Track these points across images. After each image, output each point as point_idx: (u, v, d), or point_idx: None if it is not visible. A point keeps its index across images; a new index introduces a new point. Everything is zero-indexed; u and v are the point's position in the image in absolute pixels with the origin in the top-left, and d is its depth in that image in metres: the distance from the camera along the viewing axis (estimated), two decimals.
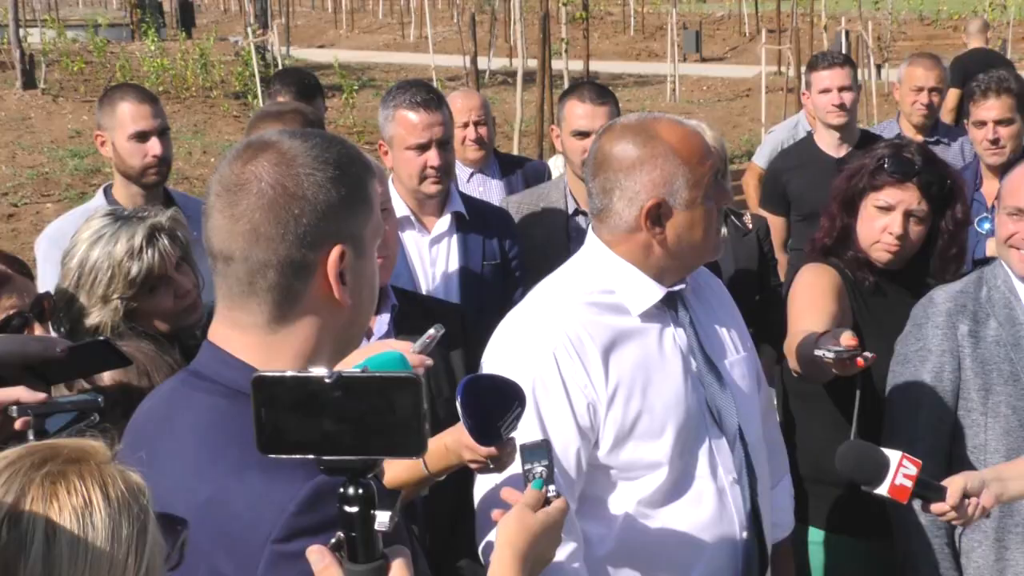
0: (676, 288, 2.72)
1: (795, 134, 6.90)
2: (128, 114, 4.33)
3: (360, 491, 1.48)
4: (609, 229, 2.67)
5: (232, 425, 1.74)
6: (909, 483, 2.78)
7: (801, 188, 5.80)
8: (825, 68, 5.94)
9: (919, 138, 6.08)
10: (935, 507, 2.86)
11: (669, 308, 2.72)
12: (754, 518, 2.75)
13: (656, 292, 2.67)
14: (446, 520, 3.20)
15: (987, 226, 5.12)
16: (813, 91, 6.01)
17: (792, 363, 3.31)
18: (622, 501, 2.65)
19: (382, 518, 1.49)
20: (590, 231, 2.76)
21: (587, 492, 2.64)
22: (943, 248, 3.58)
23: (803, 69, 6.65)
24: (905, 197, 3.51)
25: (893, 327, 3.48)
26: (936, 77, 6.34)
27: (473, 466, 2.55)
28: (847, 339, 2.88)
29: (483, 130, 5.53)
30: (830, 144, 5.91)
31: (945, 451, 3.30)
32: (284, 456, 1.48)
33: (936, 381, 3.30)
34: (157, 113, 4.41)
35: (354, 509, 1.48)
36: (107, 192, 4.45)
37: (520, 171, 5.64)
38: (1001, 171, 5.11)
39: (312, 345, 1.82)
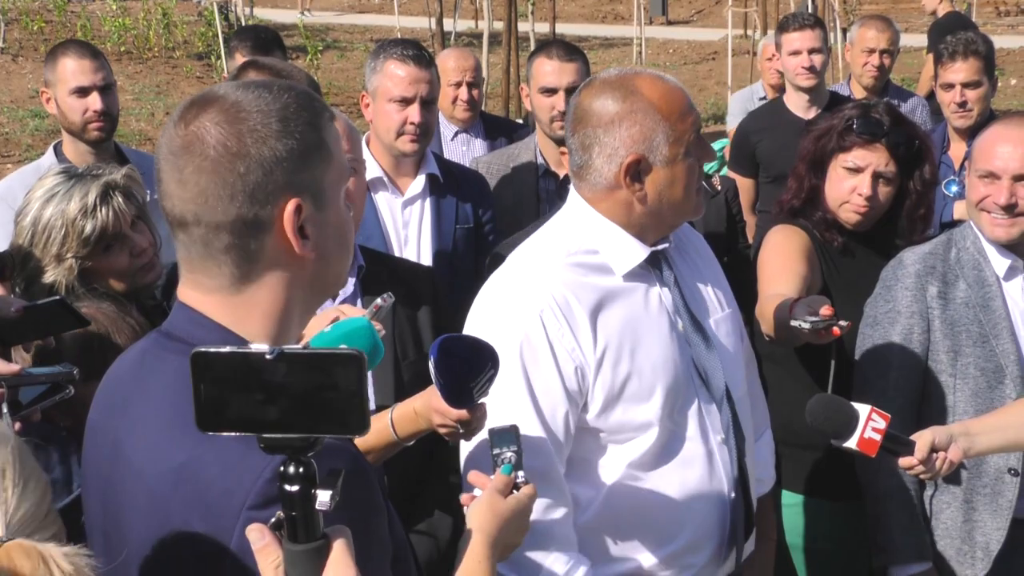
0: (660, 247, 2.69)
1: (750, 104, 6.93)
2: (69, 69, 4.30)
3: (301, 470, 1.45)
4: (589, 186, 2.63)
5: None
6: (878, 436, 2.80)
7: (770, 150, 5.81)
8: (795, 30, 5.94)
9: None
10: (903, 461, 2.88)
11: (653, 267, 2.69)
12: (741, 478, 2.75)
13: (640, 252, 2.64)
14: (408, 486, 3.18)
15: (954, 189, 5.14)
16: (783, 52, 6.01)
17: (765, 328, 3.30)
18: (611, 464, 2.62)
19: (323, 497, 1.46)
20: (572, 189, 2.72)
21: (576, 455, 2.61)
22: (911, 208, 3.59)
23: (770, 32, 6.65)
24: (873, 158, 3.52)
25: (862, 288, 3.49)
26: (887, 39, 6.38)
27: (443, 431, 2.53)
28: (825, 310, 2.89)
29: (475, 92, 5.55)
30: (799, 106, 5.93)
31: (915, 412, 3.31)
32: (223, 433, 1.45)
33: (906, 342, 3.31)
34: (99, 68, 4.37)
35: (295, 488, 1.45)
36: (57, 150, 4.42)
37: (504, 137, 5.59)
38: (969, 134, 5.13)
39: (282, 303, 1.79)
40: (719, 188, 5.11)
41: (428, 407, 2.51)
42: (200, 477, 1.63)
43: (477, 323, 2.62)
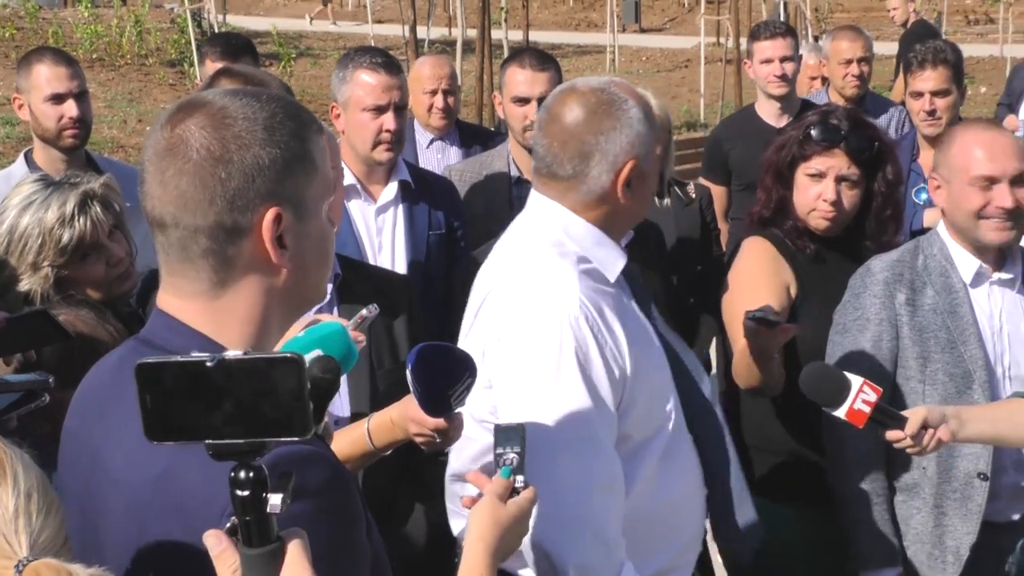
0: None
1: None
2: (44, 76, 4.30)
3: (251, 474, 1.47)
4: (581, 195, 2.59)
5: None
6: (867, 408, 2.85)
7: (742, 158, 5.84)
8: (767, 38, 5.98)
9: None
10: (891, 434, 2.92)
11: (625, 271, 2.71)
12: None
13: (621, 258, 2.65)
14: (383, 494, 3.18)
15: (924, 196, 5.17)
16: (755, 61, 6.05)
17: (742, 383, 3.40)
18: (636, 468, 2.59)
19: (274, 500, 1.47)
20: (538, 198, 2.68)
21: None
22: (878, 209, 3.61)
23: (743, 40, 6.70)
24: (834, 163, 3.54)
25: (835, 293, 3.51)
26: (862, 47, 6.46)
27: (419, 440, 2.53)
28: (772, 311, 3.02)
29: (451, 99, 5.52)
30: (771, 114, 5.97)
31: None
32: (171, 443, 1.47)
33: (875, 350, 3.34)
34: (74, 75, 4.36)
35: (245, 493, 1.47)
36: (28, 157, 4.40)
37: (479, 145, 5.59)
38: (938, 141, 5.17)
39: (260, 310, 1.78)
40: (693, 196, 5.13)
41: (404, 416, 2.51)
42: (180, 485, 1.64)
43: (517, 338, 2.52)
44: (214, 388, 1.43)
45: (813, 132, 3.56)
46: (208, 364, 1.43)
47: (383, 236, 4.08)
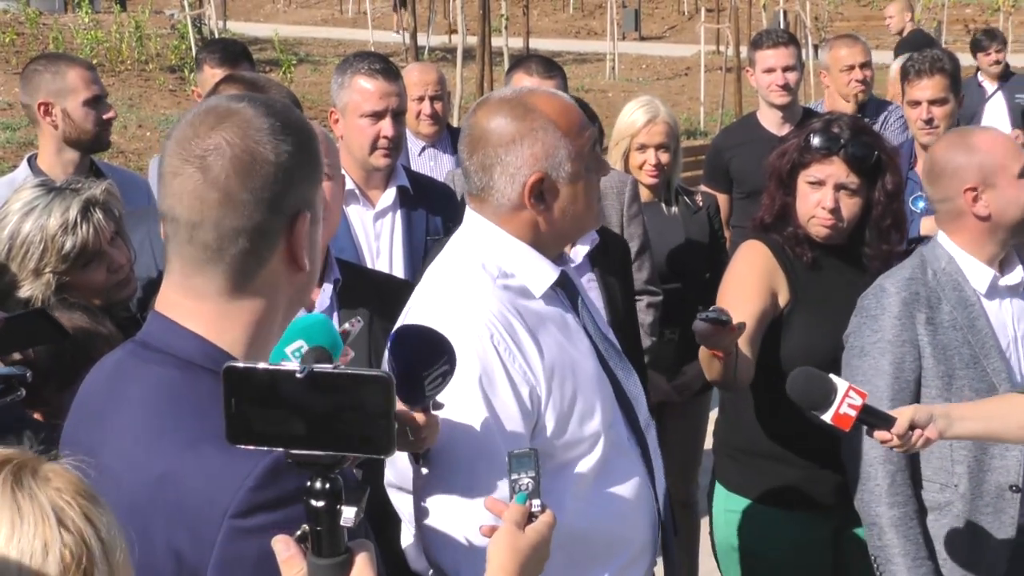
0: (565, 266, 2.69)
1: None
2: (81, 79, 4.34)
3: (327, 486, 1.48)
4: (493, 209, 2.56)
5: (186, 397, 1.72)
6: (853, 412, 2.86)
7: (743, 166, 5.81)
8: (769, 47, 5.95)
9: None
10: (878, 434, 2.92)
11: (560, 286, 2.65)
12: (661, 482, 2.76)
13: (551, 272, 2.60)
14: (380, 500, 3.18)
15: (921, 204, 5.19)
16: (757, 70, 6.03)
17: (708, 375, 3.41)
18: (563, 484, 2.56)
19: (348, 513, 1.49)
20: (469, 212, 2.65)
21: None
22: (877, 218, 3.61)
23: (742, 48, 6.68)
24: (833, 171, 3.54)
25: (831, 302, 3.52)
26: (861, 52, 6.47)
27: None
28: (719, 310, 3.05)
29: (438, 105, 5.53)
30: (773, 122, 5.95)
31: None
32: (252, 448, 1.48)
33: (898, 372, 3.28)
34: (99, 79, 4.46)
35: (320, 504, 1.48)
36: (31, 162, 4.41)
37: None
38: (936, 159, 5.18)
39: (268, 312, 1.82)
40: (701, 204, 5.16)
41: None
42: (181, 487, 1.64)
43: None
44: (301, 399, 1.45)
45: (813, 139, 3.57)
46: (298, 375, 1.45)
47: (381, 241, 4.09)
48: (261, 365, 1.48)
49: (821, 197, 3.55)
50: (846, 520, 3.57)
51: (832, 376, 2.91)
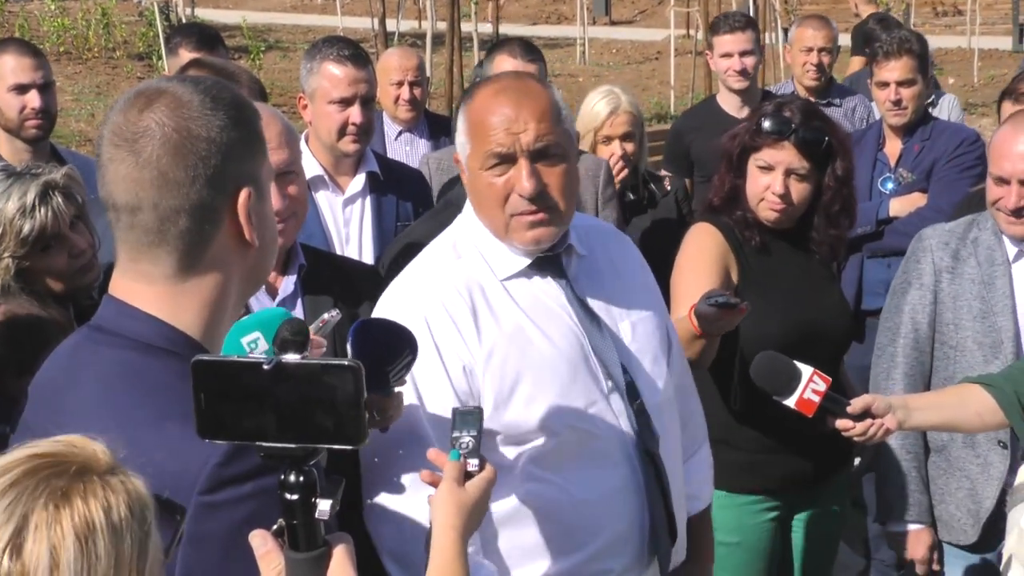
0: (551, 253, 2.68)
1: None
2: (8, 66, 4.31)
3: (301, 479, 1.47)
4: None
5: (145, 378, 1.72)
6: (816, 398, 2.92)
7: (703, 149, 5.82)
8: (726, 32, 5.98)
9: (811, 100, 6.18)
10: (840, 423, 2.99)
11: (544, 271, 2.69)
12: (658, 479, 2.71)
13: (519, 259, 2.65)
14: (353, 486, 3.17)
15: (890, 186, 5.21)
16: (715, 54, 6.05)
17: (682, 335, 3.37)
18: (512, 465, 2.58)
19: (323, 506, 1.48)
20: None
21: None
22: (826, 204, 3.62)
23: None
24: (783, 156, 3.55)
25: (776, 284, 3.57)
26: (824, 37, 6.46)
27: None
28: (727, 294, 3.12)
29: (418, 91, 5.54)
30: (733, 105, 5.98)
31: (923, 378, 3.55)
32: (223, 442, 1.47)
33: (913, 313, 3.54)
34: (39, 66, 4.38)
35: (295, 497, 1.47)
36: None
37: (447, 136, 5.60)
38: (904, 131, 5.21)
39: (221, 291, 1.82)
40: (668, 188, 5.17)
41: None
42: (146, 466, 1.63)
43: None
44: (268, 391, 1.44)
45: (764, 123, 3.57)
46: (265, 367, 1.44)
47: (351, 227, 4.07)
48: (229, 358, 1.48)
49: (771, 181, 3.56)
50: (793, 506, 3.61)
51: (796, 362, 2.92)
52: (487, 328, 2.57)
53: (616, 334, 2.74)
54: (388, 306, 2.65)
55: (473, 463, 2.17)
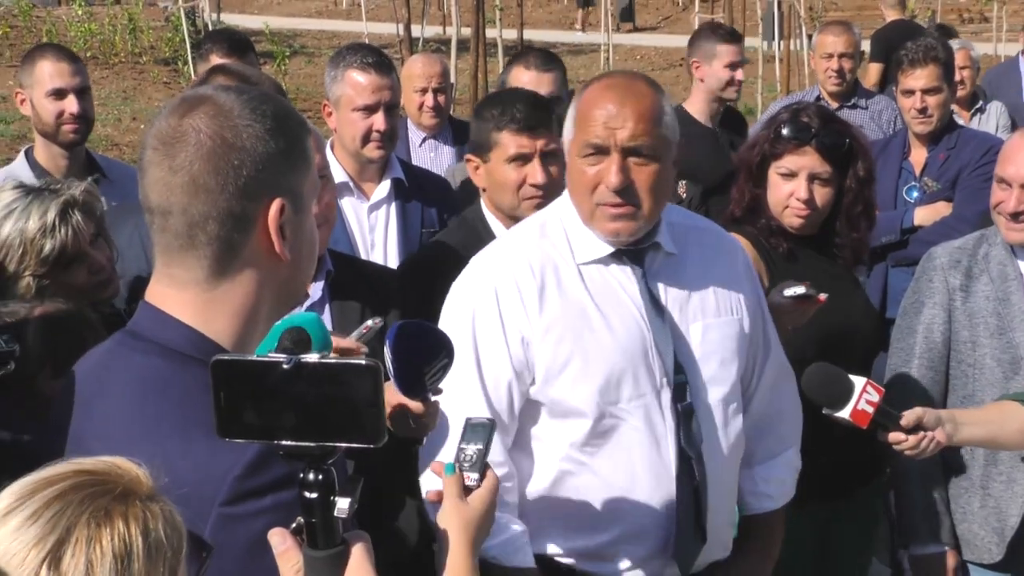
0: (634, 247, 2.76)
1: None
2: (46, 71, 4.32)
3: (320, 477, 1.48)
4: None
5: (173, 386, 1.73)
6: (871, 409, 2.88)
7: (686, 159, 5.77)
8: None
9: (835, 105, 6.17)
10: (892, 436, 2.96)
11: (624, 262, 2.77)
12: (689, 477, 2.73)
13: (603, 247, 2.76)
14: (374, 488, 3.18)
15: (915, 194, 5.19)
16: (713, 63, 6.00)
17: None
18: (553, 440, 2.70)
19: (342, 504, 1.49)
20: None
21: (522, 427, 2.73)
22: (848, 206, 3.62)
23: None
24: (805, 162, 3.56)
25: None
26: (845, 43, 6.43)
27: (394, 425, 2.53)
28: (805, 285, 3.14)
29: (441, 97, 5.54)
30: (701, 113, 5.89)
31: (941, 398, 3.49)
32: (242, 440, 1.48)
33: (928, 332, 3.49)
34: (77, 72, 4.39)
35: (313, 495, 1.48)
36: (28, 154, 4.41)
37: None
38: (929, 139, 5.19)
39: (252, 301, 1.81)
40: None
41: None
42: (169, 475, 1.65)
43: (448, 298, 2.82)
44: (289, 391, 1.44)
45: (784, 130, 3.57)
46: (285, 366, 1.44)
47: (375, 234, 4.09)
48: (248, 357, 1.48)
49: (794, 188, 3.56)
50: (826, 515, 3.64)
51: (849, 374, 2.92)
52: (551, 305, 2.70)
53: (683, 334, 2.79)
54: (466, 278, 2.80)
55: (473, 477, 2.11)
